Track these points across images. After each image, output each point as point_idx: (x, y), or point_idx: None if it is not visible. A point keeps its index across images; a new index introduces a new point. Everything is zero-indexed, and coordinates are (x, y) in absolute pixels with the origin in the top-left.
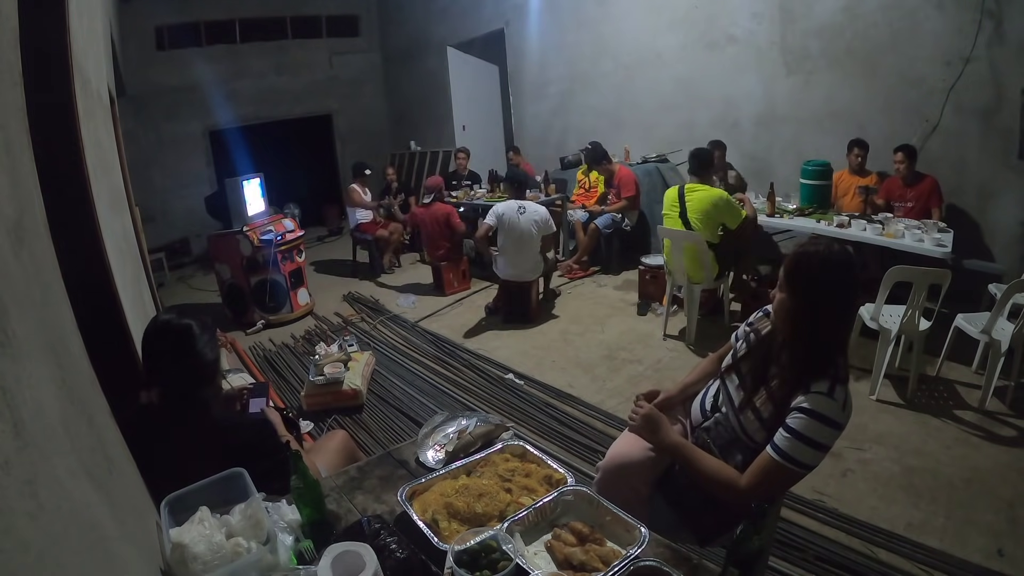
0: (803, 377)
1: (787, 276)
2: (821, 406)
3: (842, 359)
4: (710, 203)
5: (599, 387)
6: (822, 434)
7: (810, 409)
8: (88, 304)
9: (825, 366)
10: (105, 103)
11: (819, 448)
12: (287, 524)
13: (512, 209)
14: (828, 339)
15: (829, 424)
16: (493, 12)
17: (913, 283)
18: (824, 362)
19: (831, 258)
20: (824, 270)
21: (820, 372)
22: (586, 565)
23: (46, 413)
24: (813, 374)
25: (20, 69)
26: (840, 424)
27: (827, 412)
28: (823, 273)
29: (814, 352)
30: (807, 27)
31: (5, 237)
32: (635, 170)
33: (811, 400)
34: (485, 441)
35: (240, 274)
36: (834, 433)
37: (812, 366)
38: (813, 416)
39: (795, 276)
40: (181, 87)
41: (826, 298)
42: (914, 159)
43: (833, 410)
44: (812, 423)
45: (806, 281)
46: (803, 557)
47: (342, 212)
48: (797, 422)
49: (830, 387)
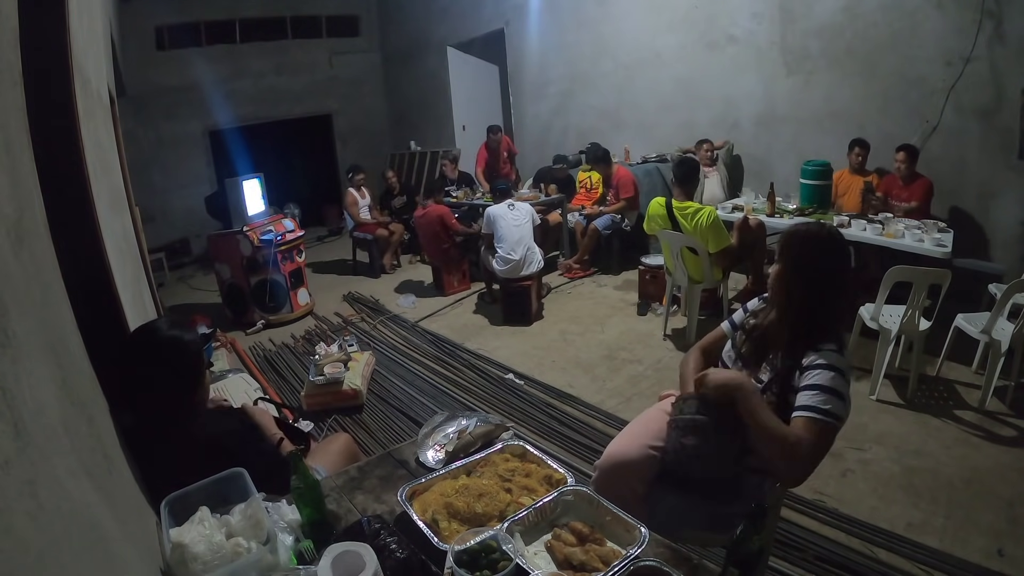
0: (803, 340)
1: (782, 248)
2: (834, 360)
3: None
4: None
5: (599, 387)
6: (842, 385)
7: (825, 364)
8: (88, 304)
9: (826, 331)
10: (105, 103)
11: (842, 399)
12: (287, 524)
13: (503, 207)
14: (822, 311)
15: (844, 376)
16: (493, 12)
17: (913, 283)
18: (824, 327)
19: (821, 232)
20: (816, 242)
21: (823, 336)
22: (586, 565)
23: (46, 413)
24: (816, 338)
25: (20, 69)
26: (849, 382)
27: (841, 365)
28: (815, 244)
29: (811, 318)
30: (807, 27)
31: (5, 237)
32: (635, 170)
33: (824, 355)
34: (485, 441)
35: (240, 274)
36: (847, 388)
37: (810, 331)
38: (832, 369)
39: (789, 248)
40: (181, 87)
41: (818, 267)
42: (915, 159)
43: (845, 365)
44: (834, 376)
45: (798, 250)
46: (803, 557)
47: (342, 212)
48: (818, 376)
49: (839, 347)
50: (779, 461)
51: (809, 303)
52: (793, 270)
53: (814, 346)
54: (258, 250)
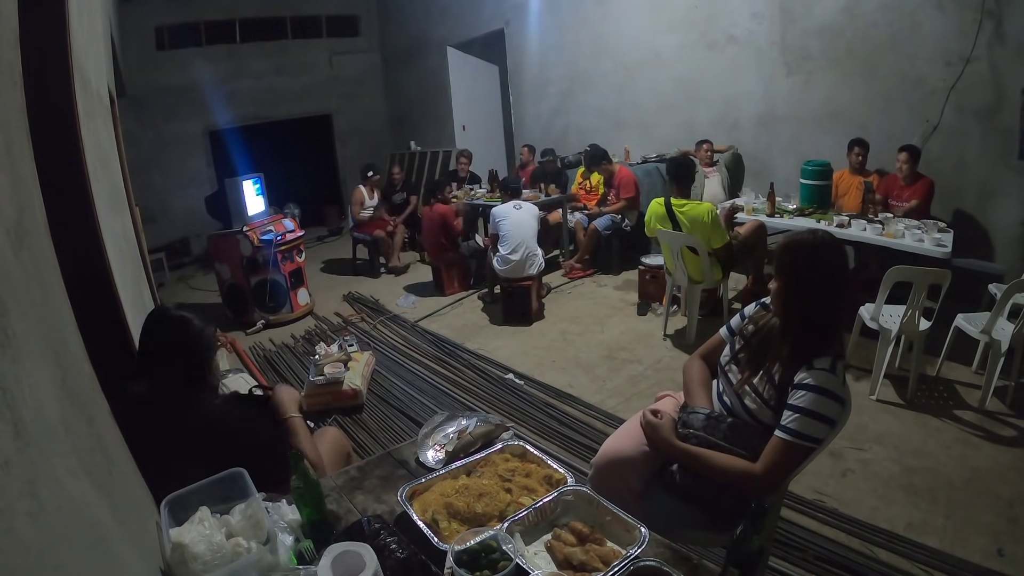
0: (804, 355)
1: (780, 264)
2: (823, 381)
3: (838, 339)
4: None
5: (599, 387)
6: (828, 408)
7: (814, 384)
8: (88, 304)
9: (824, 345)
10: (105, 103)
11: (825, 422)
12: (287, 524)
13: (508, 208)
14: (824, 319)
15: (833, 398)
16: (493, 12)
17: (913, 283)
18: (822, 341)
19: (818, 244)
20: (813, 254)
21: (820, 350)
22: (586, 565)
23: (46, 413)
24: (813, 352)
25: (20, 69)
26: (843, 399)
27: (830, 386)
28: (813, 257)
29: (811, 332)
30: (807, 27)
31: (5, 237)
32: (635, 170)
33: (814, 376)
34: (485, 441)
35: (240, 274)
36: (838, 408)
37: (811, 345)
38: (817, 391)
39: (788, 263)
40: (181, 87)
41: (817, 280)
42: (917, 160)
43: (835, 385)
44: (817, 398)
45: (798, 266)
46: (803, 557)
47: (342, 212)
48: (802, 399)
49: (832, 363)
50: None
51: (811, 313)
52: (796, 285)
53: (809, 360)
54: (258, 250)
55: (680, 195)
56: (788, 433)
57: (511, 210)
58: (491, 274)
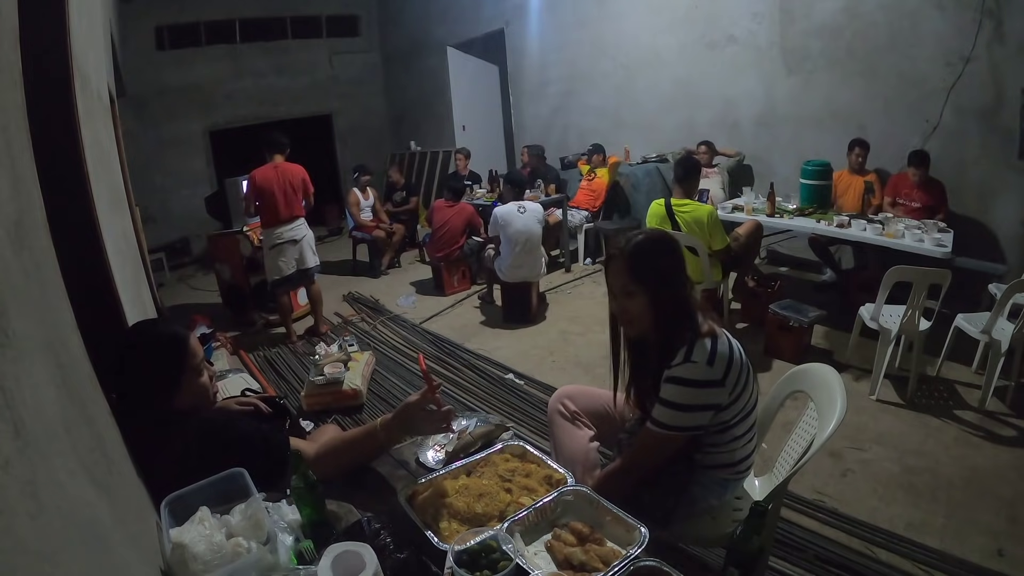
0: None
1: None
2: (677, 371)
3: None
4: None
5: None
6: (683, 395)
7: (669, 376)
8: (88, 304)
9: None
10: (105, 103)
11: (680, 409)
12: (287, 524)
13: (512, 211)
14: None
15: (690, 384)
16: (493, 12)
17: (913, 283)
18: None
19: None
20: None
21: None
22: (586, 565)
23: (46, 413)
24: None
25: (20, 69)
26: (703, 382)
27: (684, 375)
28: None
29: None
30: (807, 27)
31: (5, 237)
32: (635, 170)
33: (672, 369)
34: (485, 441)
35: (240, 274)
36: (698, 392)
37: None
38: (672, 381)
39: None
40: (181, 87)
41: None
42: (927, 166)
43: (693, 371)
44: (671, 387)
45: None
46: (803, 557)
47: (342, 212)
48: (662, 389)
49: (687, 352)
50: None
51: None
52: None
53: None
54: (258, 250)
55: (683, 195)
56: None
57: (516, 214)
58: (490, 275)
